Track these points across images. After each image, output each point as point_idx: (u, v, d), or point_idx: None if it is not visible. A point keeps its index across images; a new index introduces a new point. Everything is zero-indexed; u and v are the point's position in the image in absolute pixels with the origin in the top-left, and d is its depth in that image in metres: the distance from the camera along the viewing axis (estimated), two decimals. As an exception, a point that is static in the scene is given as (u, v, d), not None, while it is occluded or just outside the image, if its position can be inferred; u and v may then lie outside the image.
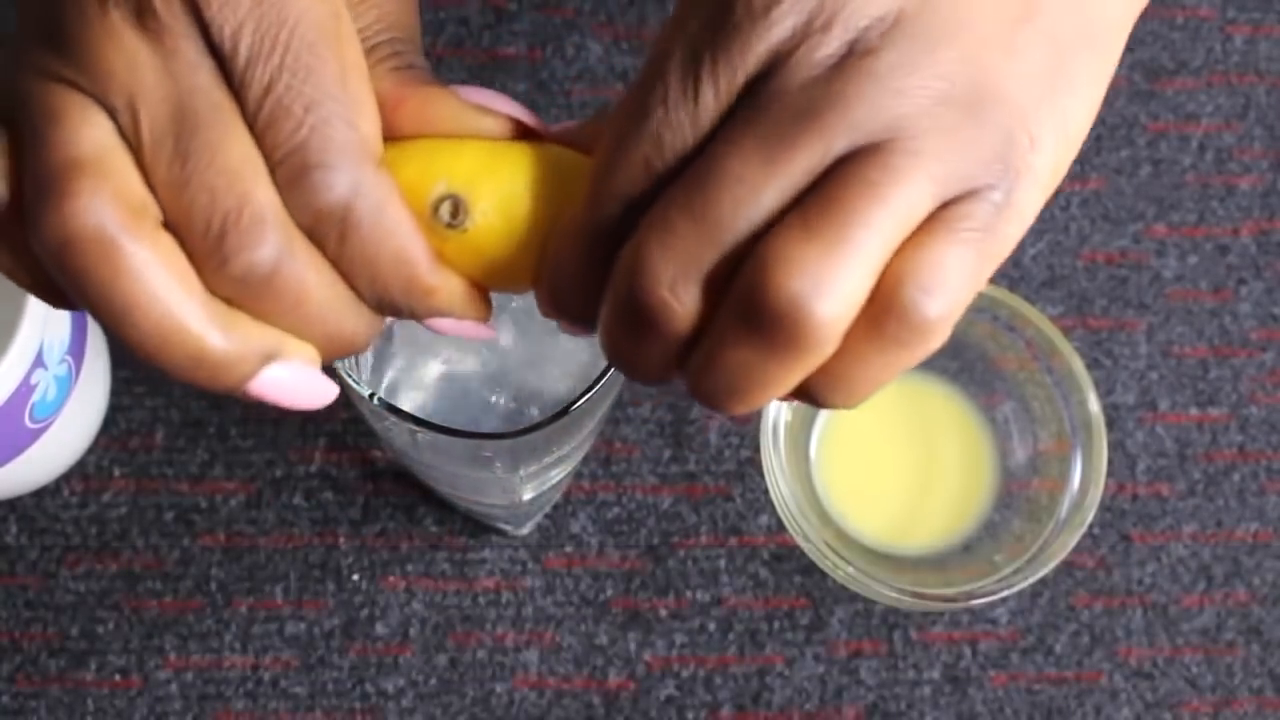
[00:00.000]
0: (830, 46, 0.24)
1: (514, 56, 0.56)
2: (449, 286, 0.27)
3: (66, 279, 0.24)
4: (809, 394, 0.25)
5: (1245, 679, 0.51)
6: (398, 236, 0.26)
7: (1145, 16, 0.58)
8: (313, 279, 0.25)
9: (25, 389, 0.43)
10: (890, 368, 0.25)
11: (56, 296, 0.26)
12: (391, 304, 0.27)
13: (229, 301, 0.25)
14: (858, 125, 0.23)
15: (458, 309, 0.27)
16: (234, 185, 0.24)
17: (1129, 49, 0.58)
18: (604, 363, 0.33)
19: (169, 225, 0.25)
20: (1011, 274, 0.54)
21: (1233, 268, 0.55)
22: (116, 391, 0.51)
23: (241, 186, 0.24)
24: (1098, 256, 0.55)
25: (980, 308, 0.50)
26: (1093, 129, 0.56)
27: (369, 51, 0.27)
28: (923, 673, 0.50)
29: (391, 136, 0.27)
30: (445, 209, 0.26)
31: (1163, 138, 0.57)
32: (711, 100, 0.24)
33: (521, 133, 0.28)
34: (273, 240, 0.24)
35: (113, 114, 0.24)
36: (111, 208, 0.24)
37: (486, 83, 0.55)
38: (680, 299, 0.24)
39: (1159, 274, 0.55)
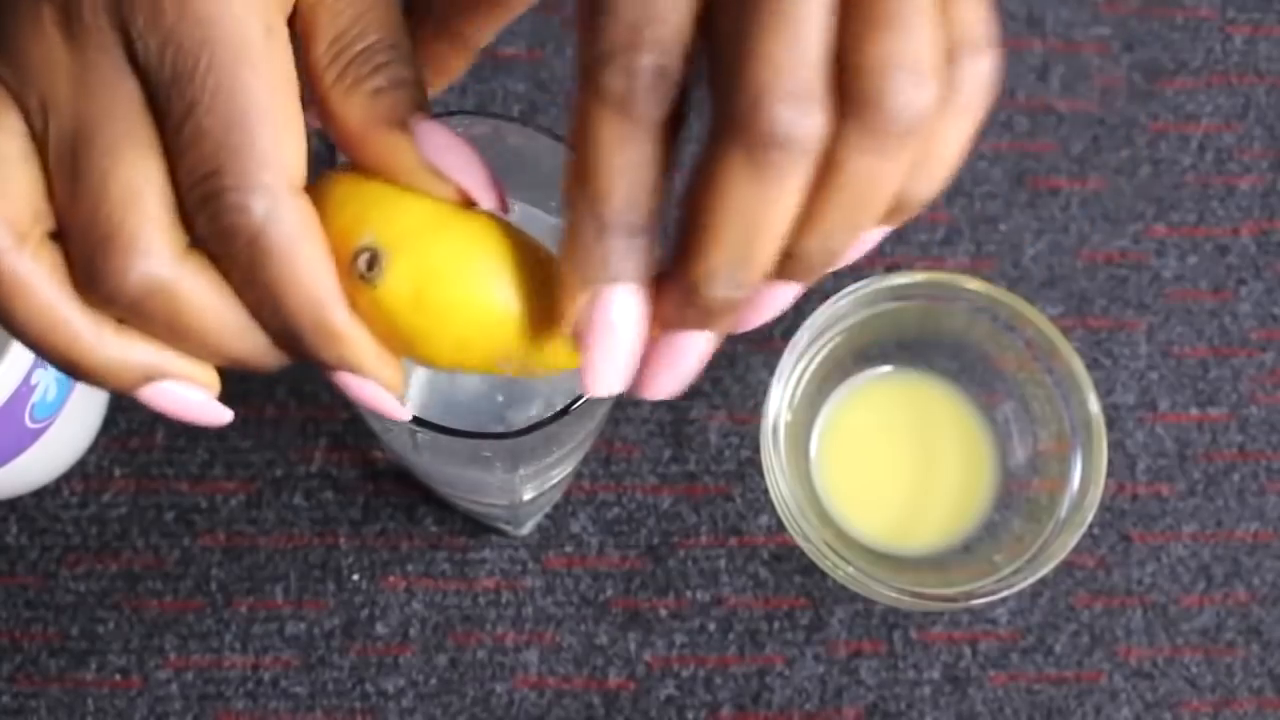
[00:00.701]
0: None
1: (514, 56, 0.56)
2: (359, 340, 0.26)
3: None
4: (907, 201, 0.25)
5: (1245, 679, 0.51)
6: (310, 272, 0.25)
7: (1145, 16, 0.58)
8: (200, 306, 0.25)
9: (25, 389, 0.43)
10: (964, 130, 0.25)
11: None
12: (298, 344, 0.26)
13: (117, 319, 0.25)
14: None
15: (367, 366, 0.27)
16: (117, 208, 0.24)
17: (1129, 49, 0.58)
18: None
19: (58, 235, 0.25)
20: (1011, 274, 0.54)
21: (1233, 268, 0.55)
22: (117, 391, 0.51)
23: (125, 210, 0.24)
24: (1098, 256, 0.55)
25: (980, 308, 0.50)
26: (1092, 129, 0.56)
27: (347, 64, 0.26)
28: (923, 673, 0.50)
29: (354, 166, 0.26)
30: (363, 260, 0.25)
31: (1163, 138, 0.57)
32: None
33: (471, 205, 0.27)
34: (142, 267, 0.24)
35: (27, 112, 0.24)
36: (9, 258, 0.24)
37: (486, 83, 0.55)
38: (813, 103, 0.23)
39: (1159, 274, 0.55)
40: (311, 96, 0.26)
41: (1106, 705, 0.50)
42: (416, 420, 0.33)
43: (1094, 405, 0.48)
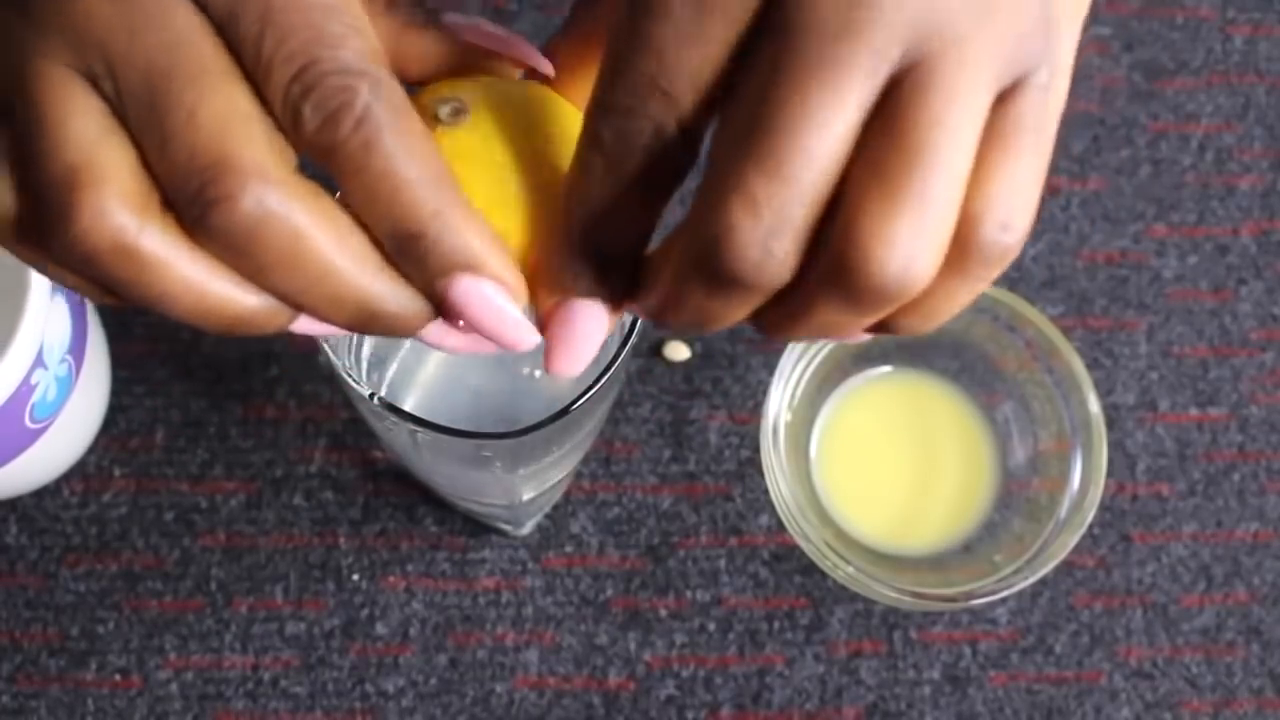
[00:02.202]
0: None
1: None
2: (481, 225, 0.25)
3: (98, 284, 0.24)
4: (891, 327, 0.25)
5: (1245, 679, 0.51)
6: (423, 146, 0.24)
7: (1145, 16, 0.58)
8: (314, 232, 0.24)
9: (25, 389, 0.43)
10: (973, 292, 0.24)
11: (105, 294, 0.26)
12: (419, 238, 0.24)
13: (228, 262, 0.24)
14: (906, 31, 0.22)
15: (491, 258, 0.25)
16: (215, 138, 0.23)
17: (1129, 49, 0.58)
18: (604, 362, 0.33)
19: (163, 191, 0.24)
20: (1011, 274, 0.54)
21: (1233, 268, 0.55)
22: (116, 391, 0.51)
23: (222, 137, 0.23)
24: (1098, 256, 0.55)
25: (980, 308, 0.50)
26: (1092, 129, 0.56)
27: None
28: (923, 673, 0.50)
29: None
30: (447, 109, 0.26)
31: (1163, 138, 0.57)
32: (721, 27, 0.23)
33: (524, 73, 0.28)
34: (255, 194, 0.23)
35: (95, 80, 0.24)
36: (117, 212, 0.23)
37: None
38: (776, 257, 0.23)
39: (1159, 274, 0.55)
40: None
41: (1106, 705, 0.50)
42: (416, 420, 0.33)
43: (1094, 405, 0.48)
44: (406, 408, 0.33)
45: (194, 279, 0.24)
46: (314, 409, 0.52)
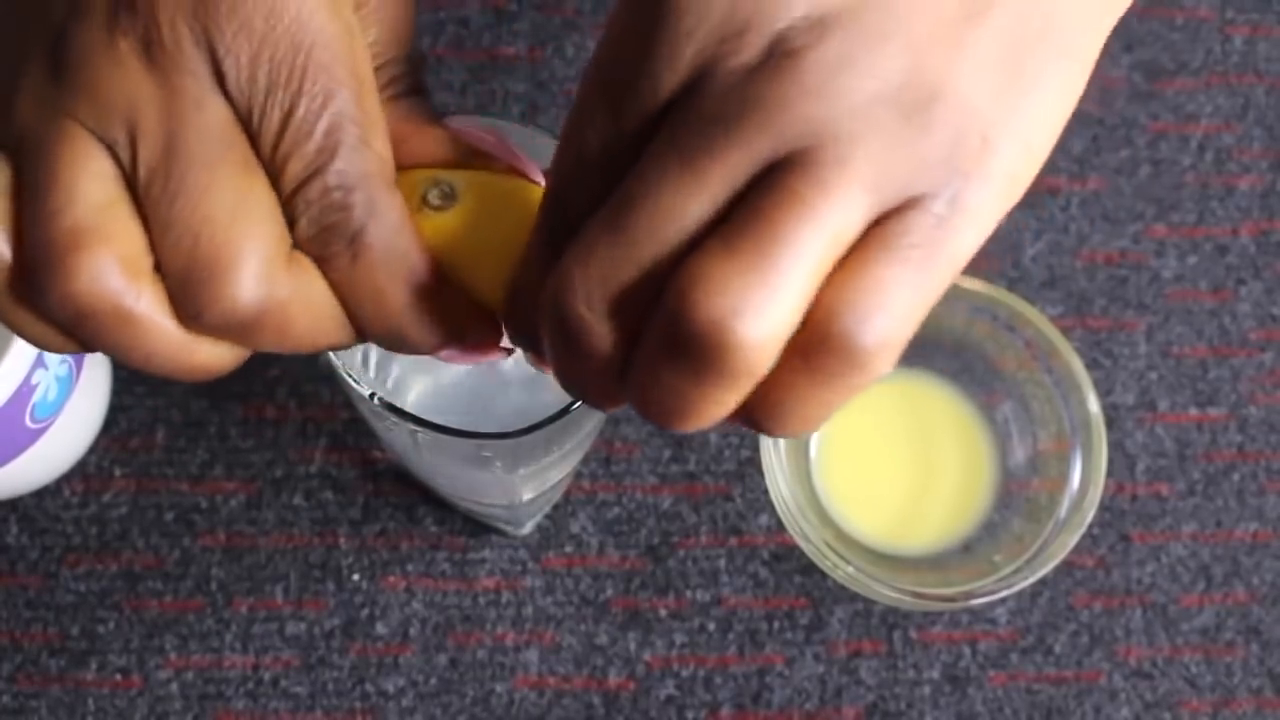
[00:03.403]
0: (748, 53, 0.22)
1: (514, 56, 0.56)
2: (459, 312, 0.27)
3: (82, 343, 0.25)
4: (749, 421, 0.24)
5: (1245, 679, 0.51)
6: (412, 261, 0.26)
7: (1145, 16, 0.58)
8: (309, 314, 0.25)
9: (26, 389, 0.43)
10: (829, 400, 0.23)
11: (83, 349, 0.26)
12: (402, 334, 0.26)
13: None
14: (780, 130, 0.22)
15: (471, 334, 0.27)
16: (220, 228, 0.24)
17: (1128, 49, 0.58)
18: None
19: (157, 262, 0.25)
20: (1011, 274, 0.54)
21: (1232, 268, 0.55)
22: (117, 391, 0.51)
23: (228, 229, 0.24)
24: (1097, 256, 0.55)
25: (980, 308, 0.50)
26: (1092, 129, 0.56)
27: (375, 72, 0.27)
28: (922, 673, 0.50)
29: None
30: (436, 193, 0.27)
31: (1163, 138, 0.57)
32: (633, 122, 0.23)
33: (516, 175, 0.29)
34: (248, 295, 0.24)
35: (113, 147, 0.24)
36: (115, 276, 0.24)
37: (486, 83, 0.55)
38: (598, 317, 0.23)
39: (1159, 274, 0.55)
40: None
41: (1106, 705, 0.50)
42: (416, 420, 0.33)
43: (1094, 405, 0.48)
44: (407, 408, 0.33)
45: (183, 344, 0.25)
46: (314, 409, 0.52)
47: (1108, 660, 0.51)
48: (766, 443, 0.47)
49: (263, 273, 0.24)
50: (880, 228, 0.22)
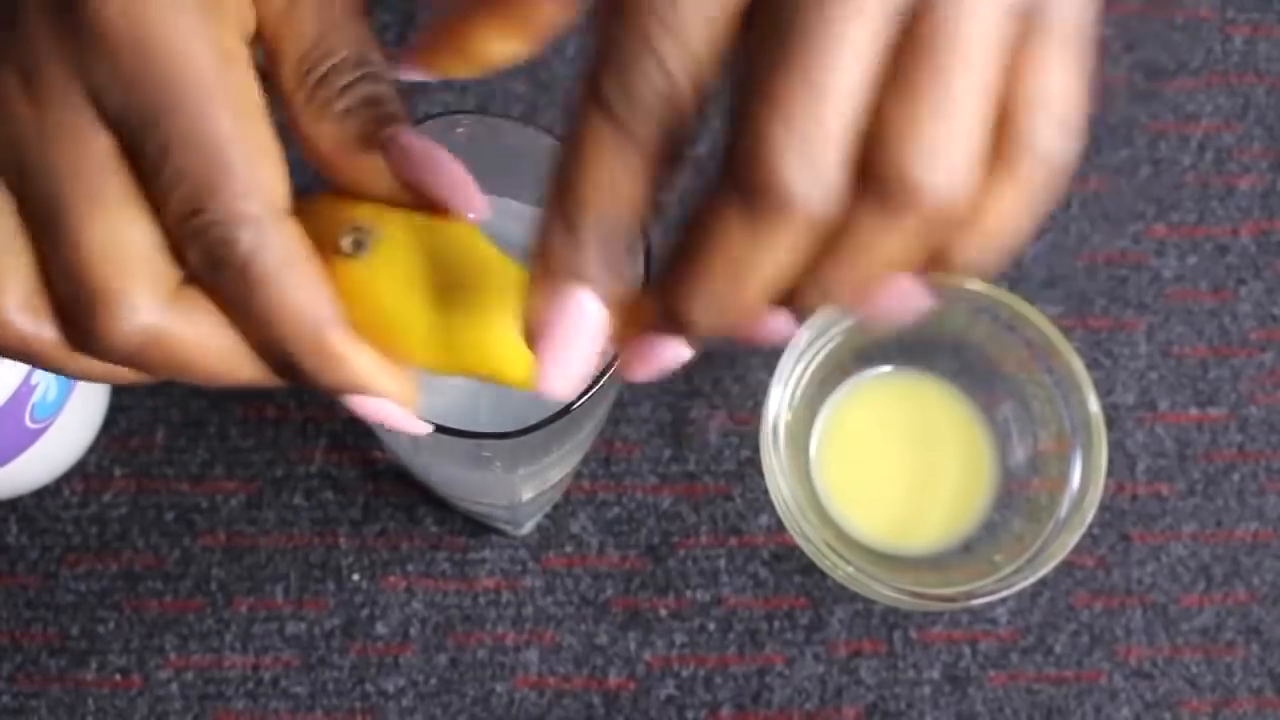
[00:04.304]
0: None
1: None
2: (361, 358, 0.26)
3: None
4: (950, 261, 0.24)
5: (1245, 679, 0.51)
6: (304, 295, 0.25)
7: (1145, 16, 0.58)
8: (197, 346, 0.25)
9: (25, 389, 0.43)
10: (1029, 204, 0.23)
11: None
12: (299, 371, 0.26)
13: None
14: None
15: (374, 383, 0.26)
16: (98, 265, 0.24)
17: (1129, 49, 0.58)
18: (605, 362, 0.33)
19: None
20: (1011, 274, 0.54)
21: (1232, 268, 0.55)
22: (117, 391, 0.51)
23: (105, 266, 0.24)
24: (1098, 256, 0.55)
25: (980, 308, 0.50)
26: (1092, 129, 0.56)
27: (315, 86, 0.26)
28: (922, 672, 0.50)
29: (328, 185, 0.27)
30: (349, 240, 0.26)
31: (1163, 138, 0.57)
32: None
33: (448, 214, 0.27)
34: (130, 322, 0.24)
35: (10, 187, 0.24)
36: (11, 314, 0.24)
37: (486, 83, 0.55)
38: (817, 168, 0.22)
39: (1159, 274, 0.55)
40: (285, 117, 0.26)
41: (1106, 705, 0.50)
42: (416, 420, 0.33)
43: (1094, 405, 0.48)
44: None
45: (95, 371, 0.26)
46: (314, 409, 0.52)
47: (1108, 660, 0.51)
48: (766, 443, 0.47)
49: (142, 305, 0.24)
50: (1029, 27, 0.23)
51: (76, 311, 0.24)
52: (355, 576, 0.50)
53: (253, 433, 0.52)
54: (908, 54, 0.22)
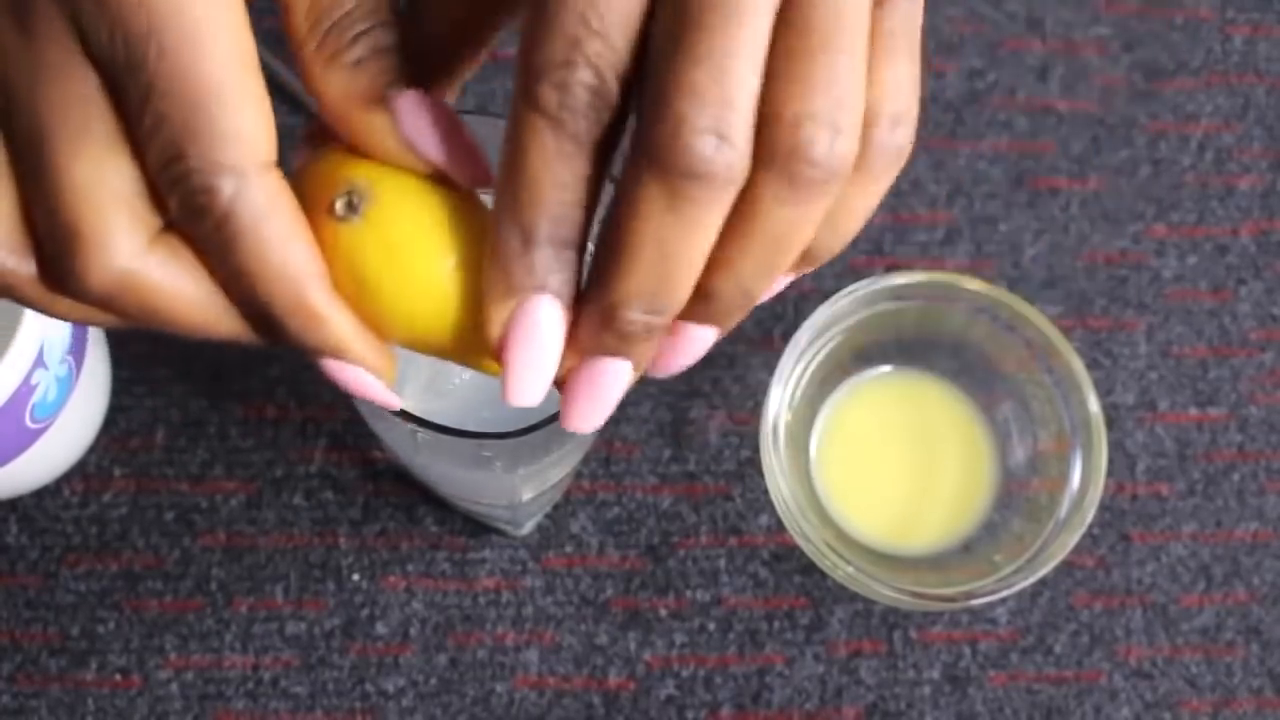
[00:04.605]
0: None
1: (514, 57, 0.56)
2: (341, 321, 0.26)
3: None
4: (811, 249, 0.26)
5: (1245, 679, 0.51)
6: (284, 249, 0.24)
7: (1145, 16, 0.58)
8: (173, 294, 0.25)
9: (25, 389, 0.43)
10: (874, 198, 0.25)
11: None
12: (277, 327, 0.25)
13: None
14: None
15: (352, 349, 0.26)
16: (77, 204, 0.24)
17: (1128, 49, 0.58)
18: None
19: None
20: (1011, 274, 0.54)
21: (1232, 268, 0.55)
22: (117, 391, 0.51)
23: (83, 206, 0.24)
24: (1097, 256, 0.55)
25: (980, 308, 0.50)
26: (1092, 129, 0.56)
27: (326, 34, 0.25)
28: (922, 672, 0.50)
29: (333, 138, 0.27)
30: (341, 202, 0.25)
31: (1162, 138, 0.57)
32: None
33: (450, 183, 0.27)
34: (104, 263, 0.24)
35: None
36: None
37: (486, 82, 0.55)
38: (730, 139, 0.23)
39: (1159, 274, 0.55)
40: (296, 67, 0.26)
41: (1106, 705, 0.50)
42: (416, 420, 0.33)
43: (1094, 405, 0.48)
44: (406, 408, 0.33)
45: (75, 313, 0.25)
46: (314, 409, 0.52)
47: (1108, 660, 0.51)
48: (766, 443, 0.47)
49: (120, 248, 0.24)
50: (880, 24, 0.24)
51: (54, 250, 0.24)
52: (355, 576, 0.50)
53: (253, 433, 0.52)
54: (795, 29, 0.23)
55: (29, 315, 0.42)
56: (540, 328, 0.25)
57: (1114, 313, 0.54)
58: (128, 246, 0.24)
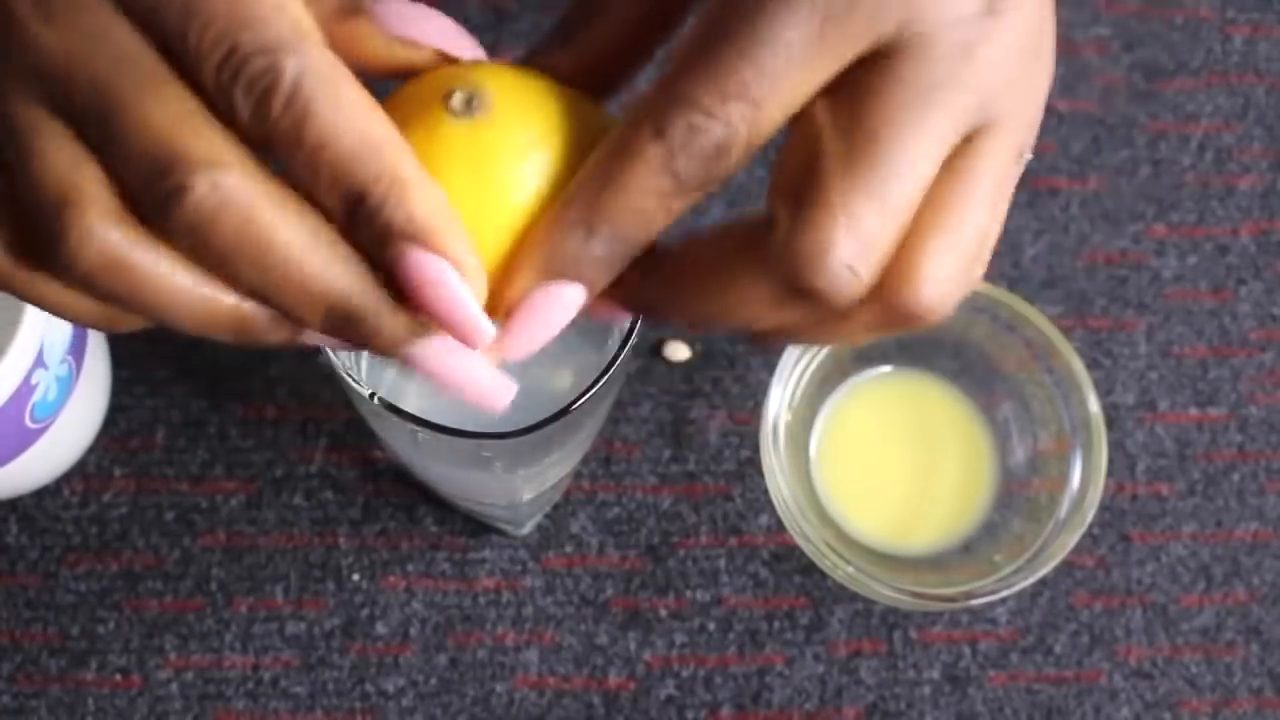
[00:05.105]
0: (971, 5, 0.24)
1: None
2: (433, 191, 0.24)
3: (103, 304, 0.25)
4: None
5: (1245, 679, 0.51)
6: (366, 113, 0.24)
7: (1145, 16, 0.58)
8: (271, 216, 0.24)
9: (25, 389, 0.43)
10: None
11: (114, 319, 0.26)
12: (366, 208, 0.24)
13: (200, 261, 0.24)
14: (983, 98, 0.25)
15: (448, 227, 0.24)
16: (161, 141, 0.23)
17: (1128, 49, 0.58)
18: (605, 362, 0.33)
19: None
20: (1011, 274, 0.54)
21: (1232, 268, 0.55)
22: (117, 391, 0.51)
23: (169, 140, 0.23)
24: (1098, 256, 0.55)
25: (980, 308, 0.50)
26: (1092, 129, 0.56)
27: None
28: (922, 672, 0.50)
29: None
30: (459, 97, 0.25)
31: (1162, 138, 0.57)
32: (832, 60, 0.24)
33: (447, 62, 0.27)
34: (208, 180, 0.23)
35: (58, 109, 0.24)
36: (101, 230, 0.23)
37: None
38: (861, 277, 0.24)
39: (1159, 274, 0.55)
40: None
41: (1106, 705, 0.50)
42: (416, 420, 0.33)
43: (1094, 405, 0.48)
44: (406, 408, 0.33)
45: (184, 284, 0.24)
46: (314, 409, 0.52)
47: (1108, 660, 0.51)
48: (766, 443, 0.47)
49: (214, 160, 0.23)
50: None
51: (154, 187, 0.23)
52: (355, 576, 0.50)
53: (253, 433, 0.52)
54: (949, 186, 0.25)
55: (29, 315, 0.42)
56: (560, 307, 0.26)
57: (1114, 313, 0.54)
58: (232, 158, 0.23)
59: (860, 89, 0.24)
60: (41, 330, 0.42)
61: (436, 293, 0.24)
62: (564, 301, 0.25)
